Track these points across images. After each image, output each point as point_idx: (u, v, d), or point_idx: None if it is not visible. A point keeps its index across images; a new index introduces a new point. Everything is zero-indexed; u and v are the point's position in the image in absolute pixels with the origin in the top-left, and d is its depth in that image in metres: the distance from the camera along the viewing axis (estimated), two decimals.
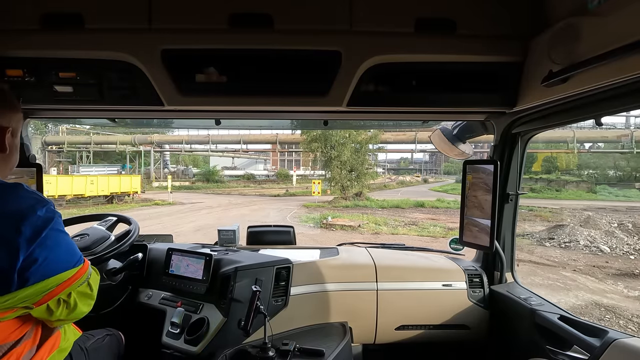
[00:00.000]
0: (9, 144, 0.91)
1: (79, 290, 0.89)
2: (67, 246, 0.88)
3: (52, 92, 1.27)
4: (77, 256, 0.90)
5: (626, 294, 5.81)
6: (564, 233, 9.57)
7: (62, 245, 0.85)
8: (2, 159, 0.90)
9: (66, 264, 0.86)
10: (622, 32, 0.85)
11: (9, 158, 0.93)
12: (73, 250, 0.90)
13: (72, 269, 0.87)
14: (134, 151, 33.53)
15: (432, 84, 1.32)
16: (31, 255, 0.78)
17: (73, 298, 0.87)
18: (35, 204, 0.82)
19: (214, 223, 11.66)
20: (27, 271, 0.78)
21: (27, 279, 0.79)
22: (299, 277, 1.73)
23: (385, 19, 1.21)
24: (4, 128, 0.89)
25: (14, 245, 0.76)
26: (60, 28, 1.18)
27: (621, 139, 24.81)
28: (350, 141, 19.27)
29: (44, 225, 0.81)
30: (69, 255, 0.88)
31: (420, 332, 1.81)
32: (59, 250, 0.85)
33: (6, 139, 0.89)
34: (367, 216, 13.87)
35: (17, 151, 0.98)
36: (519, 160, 1.73)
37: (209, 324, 1.48)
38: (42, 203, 0.83)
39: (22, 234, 0.77)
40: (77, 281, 0.88)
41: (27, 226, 0.78)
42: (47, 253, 0.81)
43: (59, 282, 0.84)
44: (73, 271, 0.87)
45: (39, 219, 0.80)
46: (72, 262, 0.88)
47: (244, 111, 1.49)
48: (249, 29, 1.20)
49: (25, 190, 0.83)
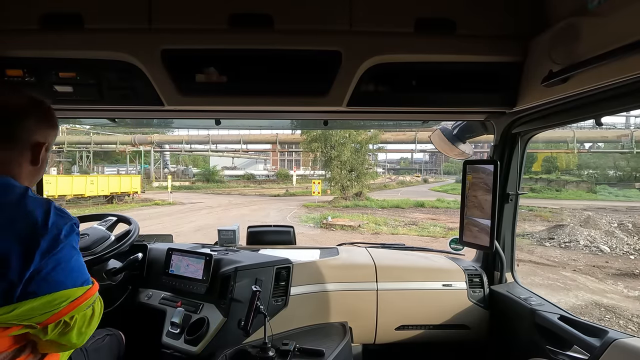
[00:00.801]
0: (42, 158, 0.94)
1: (83, 313, 0.85)
2: (78, 264, 0.86)
3: (52, 92, 1.27)
4: (85, 276, 0.88)
5: (626, 294, 5.81)
6: (564, 233, 9.56)
7: (72, 262, 0.84)
8: (34, 171, 0.94)
9: (73, 282, 0.83)
10: (622, 32, 0.85)
11: (39, 171, 0.96)
12: (83, 269, 0.88)
13: (80, 287, 0.84)
14: (134, 151, 33.57)
15: (432, 84, 1.32)
16: (40, 267, 0.77)
17: (75, 320, 0.84)
18: (60, 220, 0.82)
19: (214, 223, 11.66)
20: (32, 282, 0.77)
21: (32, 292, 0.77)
22: (299, 277, 1.73)
23: (385, 19, 1.21)
24: (40, 144, 0.91)
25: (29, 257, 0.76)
26: (60, 28, 1.18)
27: (621, 139, 24.82)
28: (350, 141, 19.27)
29: (61, 240, 0.81)
30: (78, 273, 0.85)
31: (420, 332, 1.80)
32: (69, 266, 0.83)
33: (40, 154, 0.92)
34: (367, 216, 13.87)
35: (46, 164, 1.00)
36: (519, 160, 1.73)
37: (209, 324, 1.48)
38: (66, 220, 0.84)
39: (39, 246, 0.77)
40: (84, 303, 0.85)
41: (46, 240, 0.78)
42: (56, 266, 0.80)
43: (66, 299, 0.81)
44: (82, 290, 0.84)
45: (59, 234, 0.81)
46: (80, 281, 0.85)
47: (244, 111, 1.49)
48: (249, 29, 1.20)
49: (54, 207, 0.84)
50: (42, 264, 0.77)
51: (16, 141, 0.87)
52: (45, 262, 0.78)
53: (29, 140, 0.89)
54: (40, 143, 0.91)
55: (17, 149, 0.88)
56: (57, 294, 0.79)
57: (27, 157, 0.90)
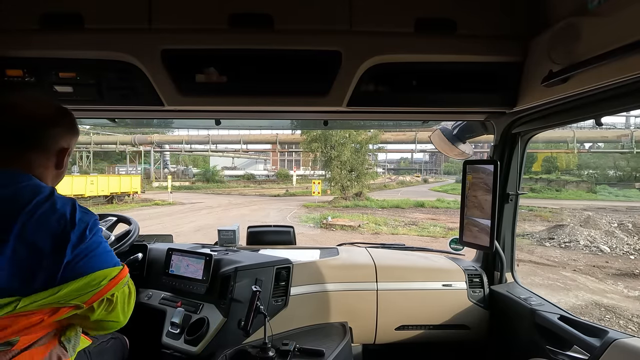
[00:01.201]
0: (65, 163, 1.02)
1: (122, 290, 0.94)
2: (107, 249, 0.94)
3: (52, 92, 1.27)
4: (116, 259, 0.96)
5: (626, 294, 5.81)
6: (564, 233, 9.56)
7: (101, 248, 0.91)
8: (57, 174, 1.01)
9: (107, 263, 0.91)
10: (622, 32, 0.85)
11: (62, 174, 1.04)
12: (112, 253, 0.96)
13: (113, 267, 0.92)
14: (134, 151, 33.57)
15: (432, 84, 1.32)
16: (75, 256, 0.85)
17: (116, 297, 0.92)
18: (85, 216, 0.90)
19: (214, 223, 11.65)
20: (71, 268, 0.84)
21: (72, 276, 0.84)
22: (299, 277, 1.73)
23: (385, 19, 1.21)
24: (65, 149, 0.99)
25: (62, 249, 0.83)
26: (60, 28, 1.18)
27: (621, 139, 24.83)
28: (350, 141, 19.27)
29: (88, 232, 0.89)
30: (109, 256, 0.93)
31: (420, 332, 1.81)
32: (99, 251, 0.90)
33: (65, 158, 1.00)
34: (367, 216, 13.87)
35: (67, 168, 1.07)
36: (519, 160, 1.73)
37: (209, 324, 1.48)
38: (90, 215, 0.92)
39: (70, 240, 0.84)
40: (121, 281, 0.92)
41: (75, 233, 0.86)
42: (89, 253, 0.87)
43: (104, 278, 0.88)
44: (116, 269, 0.92)
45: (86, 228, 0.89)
46: (112, 262, 0.93)
47: (244, 111, 1.49)
48: (249, 29, 1.20)
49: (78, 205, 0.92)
50: (75, 253, 0.85)
51: (44, 147, 0.95)
52: (78, 252, 0.85)
53: (55, 146, 0.97)
54: (64, 149, 0.99)
55: (44, 154, 0.95)
56: (95, 274, 0.87)
57: (53, 161, 0.98)
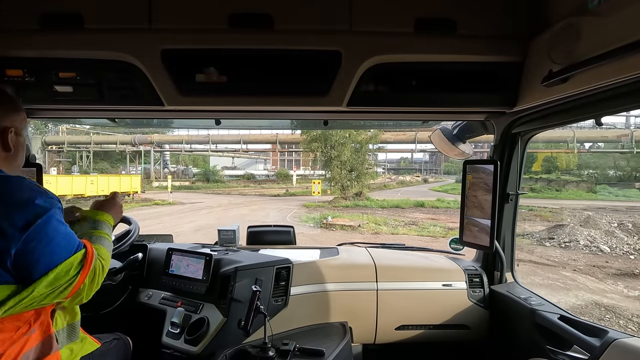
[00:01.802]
0: (14, 144, 0.94)
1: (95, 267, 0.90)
2: (65, 235, 0.87)
3: (52, 92, 1.27)
4: (75, 243, 0.89)
5: (626, 294, 5.81)
6: (564, 233, 9.56)
7: (60, 235, 0.85)
8: (8, 158, 0.94)
9: (66, 253, 0.85)
10: (622, 32, 0.85)
11: (15, 157, 0.96)
12: (71, 237, 0.89)
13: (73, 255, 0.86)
14: (134, 151, 33.56)
15: (432, 84, 1.32)
16: (26, 247, 0.78)
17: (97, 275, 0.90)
18: (33, 194, 0.83)
19: (214, 223, 11.65)
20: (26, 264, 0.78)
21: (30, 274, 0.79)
22: (299, 277, 1.73)
23: (385, 19, 1.21)
24: (6, 128, 0.92)
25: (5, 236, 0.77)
26: (60, 28, 1.18)
27: (621, 139, 24.83)
28: (350, 141, 19.26)
29: (39, 215, 0.81)
30: (67, 243, 0.87)
31: (420, 332, 1.80)
32: (57, 239, 0.84)
33: (9, 139, 0.93)
34: (367, 216, 13.86)
35: (23, 150, 1.01)
36: (519, 160, 1.73)
37: (209, 324, 1.48)
38: (40, 194, 0.84)
39: (14, 224, 0.78)
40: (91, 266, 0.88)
41: (21, 216, 0.79)
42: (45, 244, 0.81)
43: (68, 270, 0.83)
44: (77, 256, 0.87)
45: (35, 208, 0.81)
46: (72, 249, 0.87)
47: (244, 111, 1.49)
48: (249, 29, 1.20)
49: (25, 181, 0.85)
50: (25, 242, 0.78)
51: None
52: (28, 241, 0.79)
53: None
54: (6, 128, 0.92)
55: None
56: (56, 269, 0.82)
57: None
